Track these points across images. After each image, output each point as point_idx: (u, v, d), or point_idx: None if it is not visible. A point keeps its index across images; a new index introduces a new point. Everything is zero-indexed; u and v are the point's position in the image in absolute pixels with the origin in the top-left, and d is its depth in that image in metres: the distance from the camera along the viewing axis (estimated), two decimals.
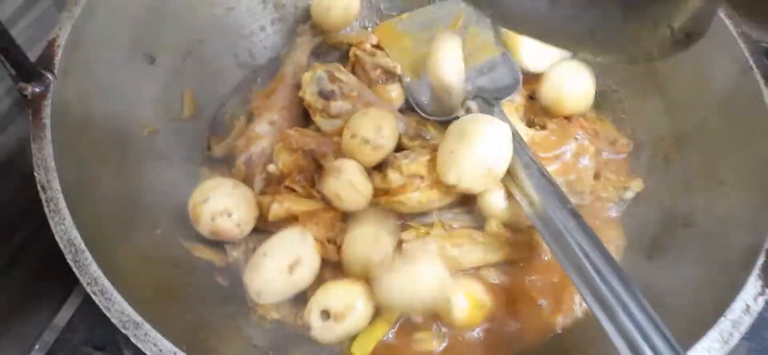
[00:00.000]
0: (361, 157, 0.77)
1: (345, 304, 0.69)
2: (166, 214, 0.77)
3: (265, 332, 0.72)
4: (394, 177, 0.77)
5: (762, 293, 0.60)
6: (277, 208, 0.76)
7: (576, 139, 0.83)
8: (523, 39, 0.89)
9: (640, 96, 0.87)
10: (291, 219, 0.76)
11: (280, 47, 0.98)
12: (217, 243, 0.77)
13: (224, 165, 0.86)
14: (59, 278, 0.83)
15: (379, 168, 0.79)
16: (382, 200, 0.77)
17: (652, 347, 0.56)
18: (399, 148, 0.81)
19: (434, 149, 0.78)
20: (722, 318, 0.58)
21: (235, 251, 0.78)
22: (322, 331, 0.70)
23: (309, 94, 0.83)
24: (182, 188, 0.80)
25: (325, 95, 0.82)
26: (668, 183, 0.81)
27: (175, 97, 0.86)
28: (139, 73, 0.81)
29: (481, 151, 0.72)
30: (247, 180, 0.82)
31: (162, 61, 0.84)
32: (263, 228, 0.79)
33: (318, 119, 0.83)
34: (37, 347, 0.85)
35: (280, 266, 0.70)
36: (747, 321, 0.58)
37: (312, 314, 0.70)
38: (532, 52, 0.90)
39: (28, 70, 0.66)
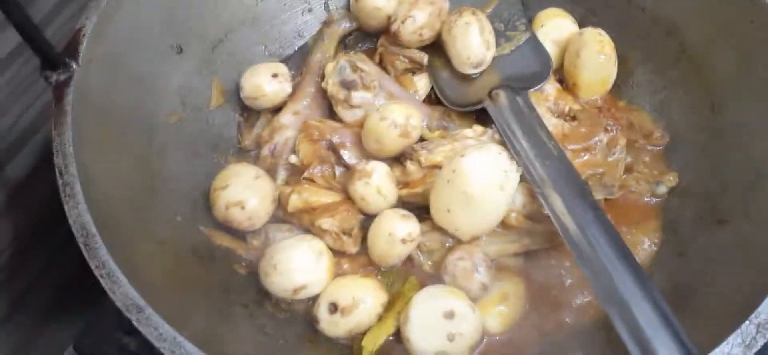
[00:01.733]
0: (387, 142, 0.75)
1: (353, 298, 0.69)
2: (188, 201, 0.78)
3: (278, 321, 0.72)
4: (412, 169, 0.76)
5: None
6: (296, 199, 0.76)
7: (607, 129, 0.79)
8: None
9: (678, 85, 0.82)
10: (309, 210, 0.76)
11: (309, 37, 0.97)
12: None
13: (252, 156, 0.87)
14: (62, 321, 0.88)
15: (397, 160, 0.78)
16: (402, 192, 0.76)
17: (665, 349, 0.53)
18: (419, 139, 0.79)
19: (455, 139, 0.76)
20: (746, 322, 0.54)
21: (256, 240, 0.78)
22: (329, 324, 0.69)
23: (331, 85, 0.83)
24: (206, 177, 0.81)
25: (347, 85, 0.81)
26: (705, 178, 0.76)
27: (204, 87, 0.87)
28: (167, 62, 0.82)
29: (482, 218, 0.71)
30: (271, 170, 0.82)
31: (190, 51, 0.85)
32: (284, 218, 0.79)
33: (339, 110, 0.83)
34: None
35: (286, 287, 0.70)
36: None
37: (320, 308, 0.69)
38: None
39: (53, 59, 0.68)
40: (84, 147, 0.65)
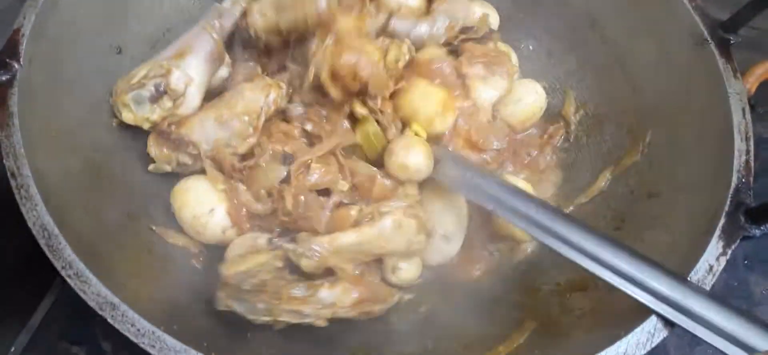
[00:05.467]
0: None
1: None
2: (137, 200, 0.77)
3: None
4: None
5: (724, 254, 0.62)
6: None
7: None
8: None
9: (601, 73, 0.90)
10: None
11: None
12: None
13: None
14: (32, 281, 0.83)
15: None
16: None
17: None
18: None
19: None
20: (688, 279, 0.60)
21: None
22: None
23: None
24: (151, 177, 0.80)
25: None
26: (633, 155, 0.83)
27: None
28: (107, 63, 0.81)
29: None
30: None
31: (129, 51, 0.84)
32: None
33: None
34: (12, 348, 0.83)
35: None
36: (710, 281, 0.61)
37: None
38: None
39: None
40: (34, 149, 0.63)
